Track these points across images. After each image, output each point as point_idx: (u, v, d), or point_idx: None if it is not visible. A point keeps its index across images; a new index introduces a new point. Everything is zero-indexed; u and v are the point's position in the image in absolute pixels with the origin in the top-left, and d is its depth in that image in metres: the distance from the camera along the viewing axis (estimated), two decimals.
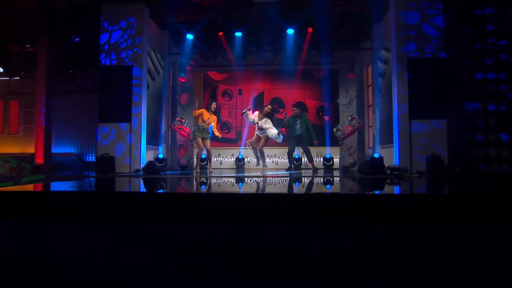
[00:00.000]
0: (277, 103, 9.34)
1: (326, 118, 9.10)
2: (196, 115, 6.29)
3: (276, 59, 8.76)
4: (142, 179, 5.44)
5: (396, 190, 3.66)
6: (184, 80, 8.16)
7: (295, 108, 7.21)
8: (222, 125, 9.30)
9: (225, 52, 8.34)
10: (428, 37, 6.18)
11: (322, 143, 9.06)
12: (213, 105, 6.40)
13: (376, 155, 7.03)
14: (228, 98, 9.37)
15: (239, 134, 9.28)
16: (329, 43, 7.99)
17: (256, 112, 6.50)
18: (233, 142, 9.27)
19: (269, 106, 6.26)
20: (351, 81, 7.79)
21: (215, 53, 8.38)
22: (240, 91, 9.37)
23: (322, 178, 5.48)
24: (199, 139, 6.25)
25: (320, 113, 9.21)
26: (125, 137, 6.67)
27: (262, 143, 6.37)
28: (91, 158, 9.80)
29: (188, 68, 8.21)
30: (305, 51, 8.38)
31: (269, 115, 6.21)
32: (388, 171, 5.66)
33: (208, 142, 6.31)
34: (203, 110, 6.29)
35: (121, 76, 6.71)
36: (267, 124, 6.13)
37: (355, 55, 7.98)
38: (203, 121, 6.26)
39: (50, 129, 7.96)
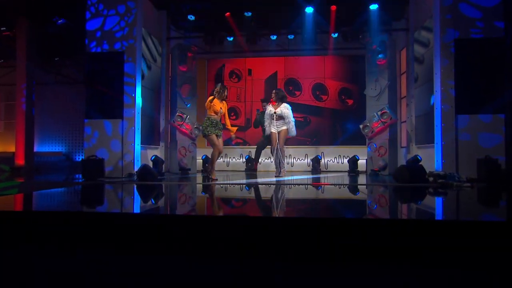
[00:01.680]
0: (293, 85, 8.79)
1: (350, 102, 8.48)
2: (209, 107, 5.36)
3: (292, 43, 8.20)
4: (134, 186, 4.98)
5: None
6: (185, 69, 7.65)
7: (264, 104, 6.97)
8: (230, 110, 8.77)
9: (233, 35, 7.82)
10: (480, 12, 5.51)
11: (344, 141, 8.46)
12: (225, 91, 5.45)
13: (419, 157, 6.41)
14: (236, 80, 8.84)
15: (248, 121, 8.79)
16: (356, 23, 7.37)
17: (269, 105, 6.06)
18: (242, 129, 8.79)
19: (274, 91, 6.06)
20: (382, 68, 7.15)
21: (220, 37, 7.86)
22: (250, 71, 8.84)
23: (352, 187, 4.93)
24: (213, 136, 5.30)
25: (342, 96, 8.59)
26: (117, 136, 6.25)
27: (282, 138, 6.02)
28: (82, 157, 9.43)
29: (189, 54, 7.69)
30: (326, 34, 7.79)
31: (282, 99, 6.02)
32: (431, 179, 5.03)
33: (221, 140, 5.48)
34: (214, 99, 5.36)
35: (112, 66, 6.26)
36: (285, 108, 5.95)
37: (387, 36, 7.32)
38: (215, 113, 5.34)
39: (32, 124, 7.57)
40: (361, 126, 7.26)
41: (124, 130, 6.25)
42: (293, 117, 6.09)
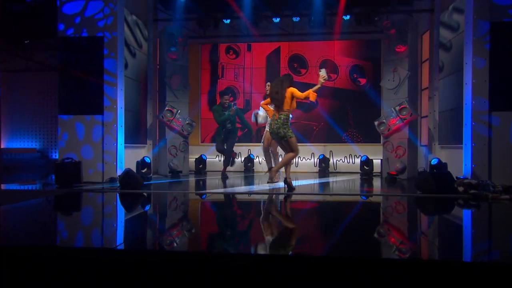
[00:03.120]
0: (298, 62, 8.36)
1: (363, 81, 8.07)
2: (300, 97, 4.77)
3: (297, 26, 7.84)
4: (116, 196, 4.63)
5: None
6: (175, 57, 7.20)
7: (225, 96, 6.50)
8: (226, 91, 8.38)
9: (230, 17, 7.40)
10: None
11: (356, 137, 8.09)
12: None
13: (434, 161, 6.09)
14: (233, 56, 8.42)
15: (248, 103, 8.41)
16: (371, 3, 6.96)
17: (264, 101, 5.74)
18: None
19: (269, 84, 5.68)
20: (401, 56, 6.72)
21: (216, 20, 7.40)
22: (249, 47, 8.41)
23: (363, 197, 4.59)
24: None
25: (354, 74, 8.18)
26: (96, 135, 5.87)
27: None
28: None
29: (180, 40, 7.24)
30: (337, 15, 7.34)
31: None
32: (461, 188, 4.69)
33: None
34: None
35: (90, 52, 5.84)
36: None
37: (407, 19, 6.89)
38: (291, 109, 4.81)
39: None
40: (376, 123, 6.88)
41: (104, 128, 5.87)
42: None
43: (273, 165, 5.88)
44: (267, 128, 5.83)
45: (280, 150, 5.87)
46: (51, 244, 2.43)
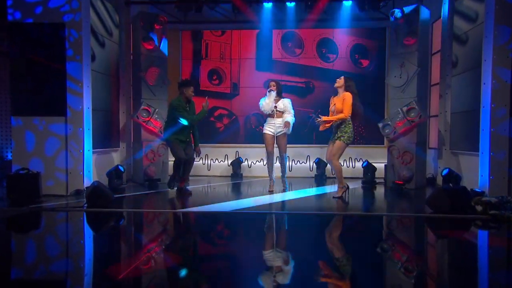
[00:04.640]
0: (292, 41, 7.93)
1: (365, 63, 7.73)
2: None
3: (291, 12, 7.38)
4: (81, 218, 4.22)
5: None
6: (151, 47, 6.66)
7: (192, 88, 5.59)
8: (211, 73, 8.05)
9: (215, 1, 7.03)
10: None
11: (354, 138, 7.71)
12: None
13: (444, 172, 5.83)
14: (219, 33, 8.01)
15: (235, 87, 8.01)
16: None
17: (273, 93, 5.64)
18: (228, 97, 8.03)
19: (273, 82, 5.71)
20: (410, 49, 6.31)
21: (199, 4, 6.96)
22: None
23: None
24: None
25: (355, 55, 7.79)
26: (57, 140, 5.40)
27: (285, 143, 5.68)
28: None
29: (157, 27, 6.70)
30: (338, 2, 6.98)
31: (281, 93, 5.71)
32: (479, 207, 4.42)
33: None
34: None
35: (50, 40, 5.36)
36: (288, 102, 5.69)
37: (416, 7, 6.46)
38: None
39: None
40: (380, 125, 6.52)
41: (68, 131, 5.44)
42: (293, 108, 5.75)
43: (273, 173, 5.78)
44: (266, 131, 5.62)
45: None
46: None
